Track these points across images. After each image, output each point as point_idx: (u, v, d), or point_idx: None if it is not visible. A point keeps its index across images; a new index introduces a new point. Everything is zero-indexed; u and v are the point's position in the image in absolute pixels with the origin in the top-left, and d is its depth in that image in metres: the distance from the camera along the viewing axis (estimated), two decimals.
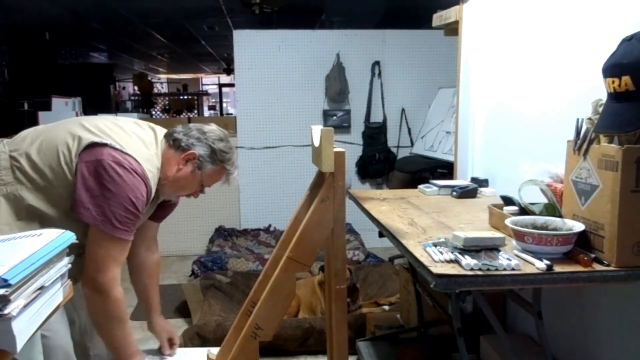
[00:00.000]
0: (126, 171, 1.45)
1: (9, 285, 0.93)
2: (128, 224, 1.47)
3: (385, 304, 3.12)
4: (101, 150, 1.46)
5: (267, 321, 1.60)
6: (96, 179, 1.44)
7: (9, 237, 1.18)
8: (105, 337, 1.59)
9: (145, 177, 1.49)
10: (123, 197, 1.44)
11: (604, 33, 1.62)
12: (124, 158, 1.46)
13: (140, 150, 1.52)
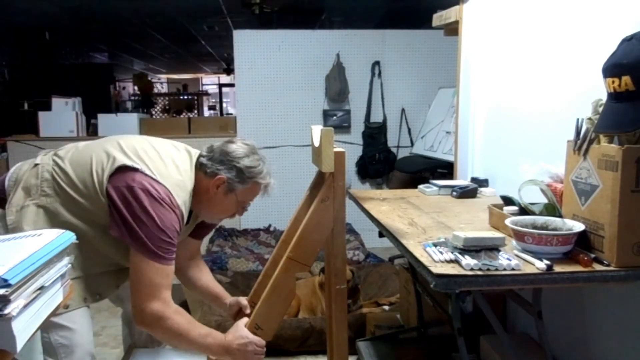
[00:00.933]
0: (155, 201, 1.44)
1: (9, 285, 0.93)
2: (164, 249, 1.47)
3: (385, 304, 3.12)
4: (132, 176, 1.46)
5: (267, 321, 1.60)
6: (126, 206, 1.44)
7: (9, 237, 1.18)
8: (185, 349, 1.60)
9: (175, 206, 1.48)
10: (154, 226, 1.44)
11: (604, 33, 1.62)
12: (153, 187, 1.46)
13: (171, 177, 1.51)
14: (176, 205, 1.49)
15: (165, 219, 1.45)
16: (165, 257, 1.47)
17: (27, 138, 4.61)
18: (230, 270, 3.59)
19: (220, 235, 4.44)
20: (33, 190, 1.52)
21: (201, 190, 1.58)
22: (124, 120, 4.75)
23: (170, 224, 1.46)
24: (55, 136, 4.56)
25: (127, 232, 1.44)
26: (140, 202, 1.44)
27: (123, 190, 1.45)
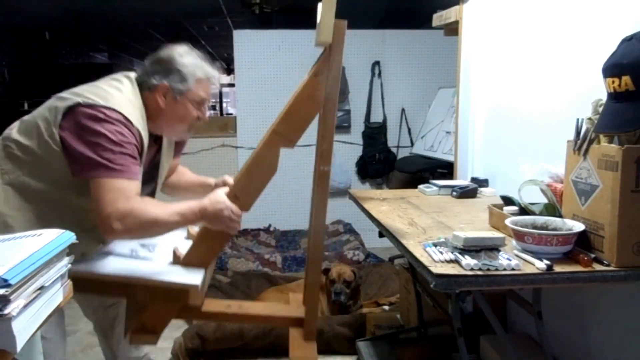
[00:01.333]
0: (102, 122, 1.43)
1: (9, 285, 0.93)
2: (126, 164, 1.44)
3: (385, 304, 3.12)
4: (76, 113, 1.45)
5: (245, 192, 1.55)
6: (77, 138, 1.43)
7: (9, 237, 1.18)
8: (166, 231, 1.55)
9: (126, 121, 1.46)
10: (109, 143, 1.42)
11: (604, 33, 1.62)
12: (97, 111, 1.44)
13: (115, 98, 1.49)
14: (128, 121, 1.46)
15: (118, 134, 1.43)
16: (125, 170, 1.45)
17: None
18: (230, 270, 3.59)
19: None
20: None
21: (152, 108, 1.56)
22: None
23: (125, 138, 1.44)
24: None
25: (87, 163, 1.42)
26: (88, 129, 1.42)
27: (71, 128, 1.44)
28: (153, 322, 1.58)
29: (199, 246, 1.57)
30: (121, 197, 1.43)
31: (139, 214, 1.44)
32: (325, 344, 2.70)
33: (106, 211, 1.42)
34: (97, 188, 1.43)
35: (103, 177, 1.42)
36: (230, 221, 1.54)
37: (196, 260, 1.57)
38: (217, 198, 1.55)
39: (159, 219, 1.47)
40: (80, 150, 1.43)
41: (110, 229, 1.43)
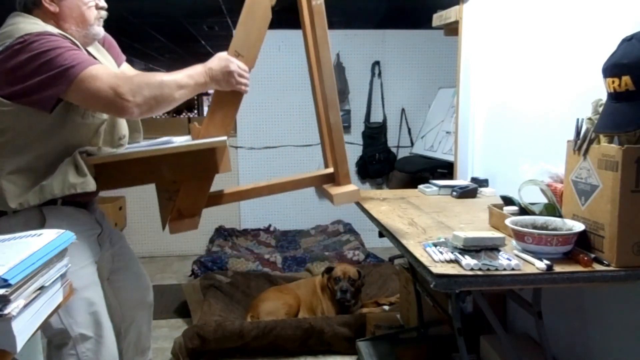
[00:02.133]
0: (23, 50, 1.35)
1: (9, 285, 0.93)
2: (82, 57, 1.39)
3: (385, 304, 3.12)
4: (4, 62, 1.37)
5: (246, 46, 1.53)
6: (21, 79, 1.36)
7: (9, 237, 1.18)
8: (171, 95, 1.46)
9: (40, 35, 1.37)
10: (45, 55, 1.35)
11: (604, 33, 1.62)
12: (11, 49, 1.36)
13: (16, 30, 1.40)
14: (43, 33, 1.39)
15: (46, 43, 1.36)
16: (91, 60, 1.40)
17: None
18: (230, 270, 3.59)
19: (220, 235, 4.44)
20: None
21: (51, 19, 1.49)
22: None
23: (56, 41, 1.37)
24: None
25: (48, 86, 1.35)
26: (18, 65, 1.34)
27: (5, 80, 1.37)
28: (188, 205, 1.56)
29: (215, 114, 1.55)
30: (110, 77, 1.38)
31: (141, 82, 1.40)
32: (325, 344, 2.70)
33: (108, 96, 1.37)
34: (80, 90, 1.37)
35: (73, 79, 1.35)
36: (240, 77, 1.52)
37: (215, 128, 1.55)
38: (220, 56, 1.52)
39: (166, 81, 1.43)
40: (29, 85, 1.35)
41: (123, 107, 1.39)
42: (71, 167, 1.43)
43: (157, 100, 1.43)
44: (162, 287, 3.82)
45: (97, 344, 1.50)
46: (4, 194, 1.40)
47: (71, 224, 1.49)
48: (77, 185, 1.41)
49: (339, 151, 1.68)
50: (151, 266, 4.27)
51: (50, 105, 1.38)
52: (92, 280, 1.54)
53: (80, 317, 1.47)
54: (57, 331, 1.47)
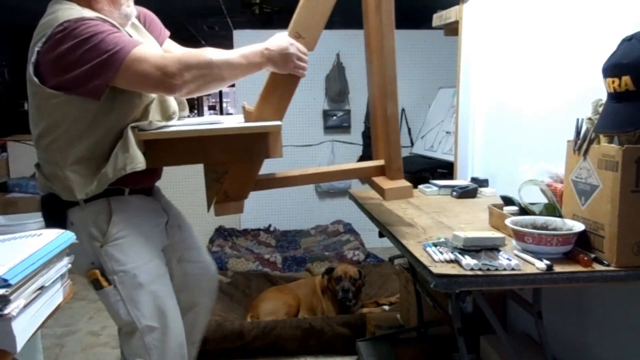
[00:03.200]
0: (65, 39, 1.32)
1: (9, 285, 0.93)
2: (124, 39, 1.37)
3: (385, 304, 3.12)
4: (44, 57, 1.36)
5: (308, 28, 1.47)
6: (67, 69, 1.34)
7: (9, 237, 1.18)
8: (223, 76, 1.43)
9: (79, 21, 1.35)
10: (88, 42, 1.32)
11: (604, 33, 1.62)
12: (53, 39, 1.34)
13: (55, 19, 1.38)
14: (83, 18, 1.36)
15: (88, 29, 1.33)
16: (135, 42, 1.38)
17: (27, 138, 4.60)
18: (230, 270, 3.59)
19: (220, 235, 4.44)
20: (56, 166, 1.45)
21: (85, 2, 1.46)
22: None
23: (97, 26, 1.35)
24: None
25: (95, 73, 1.33)
26: (63, 54, 1.32)
27: (53, 70, 1.35)
28: (235, 188, 1.53)
29: (269, 97, 1.50)
30: (156, 58, 1.37)
31: (189, 61, 1.37)
32: (325, 344, 2.70)
33: (155, 77, 1.35)
34: (127, 74, 1.35)
35: (120, 64, 1.33)
36: (298, 60, 1.48)
37: (268, 112, 1.50)
38: (280, 37, 1.47)
39: (215, 60, 1.39)
40: (76, 75, 1.33)
41: (171, 87, 1.37)
42: (120, 147, 1.42)
43: (205, 80, 1.40)
44: None
45: (163, 334, 1.53)
46: (71, 185, 1.41)
47: (138, 214, 1.54)
48: (127, 165, 1.39)
49: (394, 144, 1.63)
50: None
51: (101, 94, 1.37)
52: (158, 273, 1.56)
53: (146, 310, 1.50)
54: (126, 322, 1.51)
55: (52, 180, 1.46)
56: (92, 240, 1.47)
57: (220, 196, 1.53)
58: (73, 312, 3.35)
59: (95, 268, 1.48)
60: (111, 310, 1.52)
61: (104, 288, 1.48)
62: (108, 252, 1.47)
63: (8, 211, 4.12)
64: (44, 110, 1.41)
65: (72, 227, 1.46)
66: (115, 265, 1.47)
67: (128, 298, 1.49)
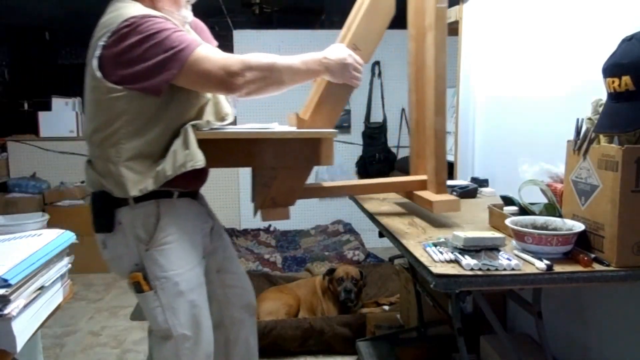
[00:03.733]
0: (130, 34, 1.34)
1: (9, 285, 0.93)
2: (187, 38, 1.38)
3: (385, 304, 3.12)
4: (108, 50, 1.37)
5: (365, 41, 1.53)
6: (130, 63, 1.35)
7: (9, 237, 1.18)
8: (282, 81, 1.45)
9: (144, 17, 1.37)
10: (153, 38, 1.34)
11: (604, 33, 1.62)
12: (118, 34, 1.35)
13: (118, 16, 1.40)
14: (147, 15, 1.38)
15: (152, 25, 1.35)
16: (197, 41, 1.40)
17: (27, 138, 4.61)
18: None
19: None
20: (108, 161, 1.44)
21: (149, 1, 1.48)
22: None
23: (161, 23, 1.37)
24: (55, 136, 4.56)
25: (159, 68, 1.35)
26: (127, 48, 1.34)
27: (115, 65, 1.36)
28: (283, 194, 1.55)
29: (323, 106, 1.53)
30: (219, 57, 1.39)
31: (253, 62, 1.39)
32: (325, 344, 2.70)
33: (218, 76, 1.37)
34: (190, 73, 1.37)
35: (184, 62, 1.35)
36: (354, 71, 1.50)
37: (320, 120, 1.53)
38: (338, 47, 1.51)
39: (278, 63, 1.42)
40: (140, 70, 1.35)
41: (232, 87, 1.39)
42: (180, 143, 1.42)
43: (266, 82, 1.43)
44: None
45: (195, 344, 1.52)
46: (124, 181, 1.41)
47: (186, 218, 1.53)
48: (187, 162, 1.40)
49: (439, 158, 1.68)
50: None
51: (161, 90, 1.38)
52: (198, 282, 1.55)
53: (183, 318, 1.49)
54: (162, 328, 1.49)
55: (105, 177, 1.45)
56: (138, 242, 1.46)
57: (267, 202, 1.55)
58: (73, 312, 3.35)
59: (138, 270, 1.47)
60: (148, 315, 1.51)
61: (144, 292, 1.47)
62: (153, 257, 1.45)
63: (8, 211, 4.11)
64: (103, 105, 1.41)
65: (119, 226, 1.46)
66: (158, 270, 1.46)
67: (167, 305, 1.47)
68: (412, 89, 1.87)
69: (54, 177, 4.50)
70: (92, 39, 1.43)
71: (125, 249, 1.46)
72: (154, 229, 1.46)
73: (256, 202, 1.59)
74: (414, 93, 1.87)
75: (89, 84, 1.42)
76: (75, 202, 4.28)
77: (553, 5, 1.94)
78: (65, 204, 4.24)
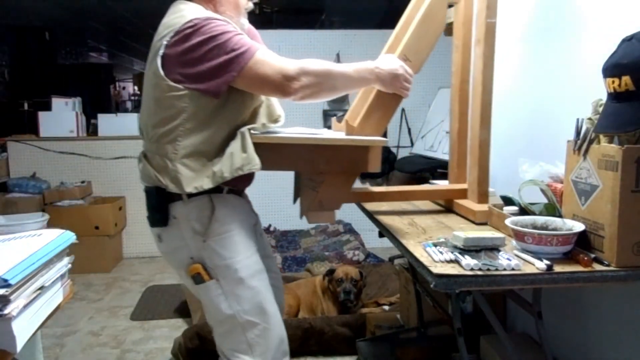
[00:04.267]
0: (193, 35, 1.38)
1: (9, 285, 0.93)
2: (244, 42, 1.41)
3: (385, 304, 3.12)
4: (170, 51, 1.41)
5: (416, 52, 1.58)
6: (194, 63, 1.39)
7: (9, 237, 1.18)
8: (336, 87, 1.51)
9: (207, 18, 1.41)
10: (216, 39, 1.38)
11: (604, 33, 1.62)
12: (181, 34, 1.40)
13: (182, 16, 1.44)
14: (210, 17, 1.42)
15: (215, 27, 1.39)
16: (257, 45, 1.42)
17: (27, 138, 4.61)
18: None
19: None
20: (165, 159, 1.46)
21: (211, 5, 1.53)
22: (124, 120, 4.74)
23: (224, 26, 1.41)
24: (55, 136, 4.56)
25: (220, 70, 1.39)
26: (189, 49, 1.38)
27: (177, 65, 1.40)
28: (329, 198, 1.60)
29: (372, 114, 1.58)
30: (278, 61, 1.42)
31: (310, 68, 1.43)
32: (325, 344, 2.70)
33: (276, 80, 1.41)
34: (249, 76, 1.41)
35: (244, 65, 1.39)
36: (405, 81, 1.55)
37: (369, 127, 1.59)
38: (389, 58, 1.56)
39: (333, 70, 1.47)
40: (201, 71, 1.39)
41: (289, 91, 1.43)
42: (237, 146, 1.45)
43: (320, 88, 1.48)
44: (162, 287, 3.82)
45: (265, 330, 1.55)
46: (180, 177, 1.44)
47: (235, 212, 1.57)
48: (244, 165, 1.43)
49: (483, 168, 1.74)
50: (151, 266, 4.27)
51: (221, 92, 1.42)
52: (257, 268, 1.57)
53: (247, 305, 1.52)
54: (227, 316, 1.52)
55: (161, 172, 1.47)
56: (195, 234, 1.49)
57: (314, 205, 1.60)
58: (73, 312, 3.35)
59: (195, 263, 1.50)
60: (211, 305, 1.53)
61: (205, 282, 1.49)
62: (211, 247, 1.49)
63: (8, 211, 4.12)
64: (163, 103, 1.44)
65: (174, 220, 1.50)
66: (218, 259, 1.49)
67: (230, 292, 1.50)
68: (455, 99, 1.96)
69: (54, 177, 4.50)
70: (154, 37, 1.48)
71: (181, 242, 1.50)
72: (209, 221, 1.49)
73: (303, 206, 1.66)
74: (457, 103, 1.96)
75: (150, 81, 1.46)
76: (75, 202, 4.28)
77: (553, 5, 1.94)
78: (65, 204, 4.24)
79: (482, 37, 1.71)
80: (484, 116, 1.71)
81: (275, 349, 1.59)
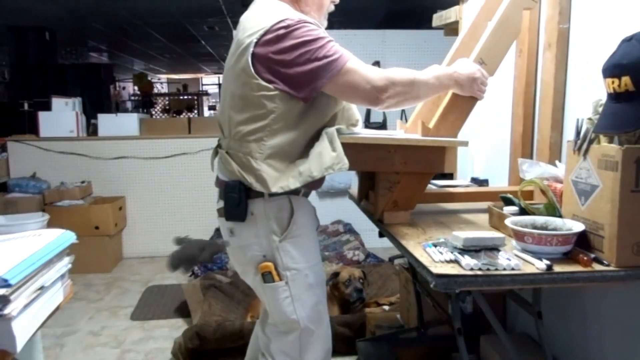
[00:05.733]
0: (286, 36, 1.38)
1: (9, 285, 0.93)
2: (336, 50, 1.42)
3: (385, 304, 3.12)
4: (260, 50, 1.40)
5: (492, 56, 1.61)
6: (285, 65, 1.39)
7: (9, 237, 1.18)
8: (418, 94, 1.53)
9: (299, 20, 1.41)
10: (309, 45, 1.38)
11: (604, 33, 1.62)
12: (274, 33, 1.39)
13: (271, 15, 1.44)
14: (301, 20, 1.42)
15: (308, 32, 1.39)
16: (341, 55, 1.43)
17: (27, 138, 4.61)
18: (230, 270, 3.59)
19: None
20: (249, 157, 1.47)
21: (296, 4, 1.53)
22: (124, 120, 4.74)
23: (316, 31, 1.41)
24: (55, 136, 4.56)
25: (311, 76, 1.40)
26: (282, 50, 1.38)
27: (268, 65, 1.40)
28: (404, 198, 1.65)
29: (448, 116, 1.61)
30: (367, 71, 1.44)
31: (396, 78, 1.45)
32: None
33: (365, 89, 1.43)
34: (339, 83, 1.42)
35: (336, 73, 1.40)
36: (481, 84, 1.57)
37: (445, 128, 1.61)
38: (466, 62, 1.58)
39: (417, 79, 1.48)
40: (293, 75, 1.39)
41: (376, 100, 1.45)
42: (326, 147, 1.45)
43: (405, 97, 1.49)
44: (162, 287, 3.82)
45: (318, 338, 1.56)
46: (265, 177, 1.44)
47: (308, 216, 1.60)
48: (335, 164, 1.43)
49: None
50: (151, 266, 4.27)
51: (311, 96, 1.43)
52: (322, 278, 1.61)
53: (311, 311, 1.53)
54: (288, 320, 1.52)
55: (244, 170, 1.48)
56: (271, 233, 1.50)
57: (390, 205, 1.64)
58: (73, 312, 3.35)
59: (267, 261, 1.50)
60: (275, 306, 1.53)
61: (275, 282, 1.50)
62: (285, 248, 1.50)
63: (8, 211, 4.12)
64: (252, 101, 1.44)
65: (252, 217, 1.50)
66: (291, 262, 1.50)
67: (297, 296, 1.51)
68: (519, 103, 2.01)
69: (54, 177, 4.50)
70: (238, 31, 1.48)
71: (255, 239, 1.51)
72: (287, 222, 1.50)
73: (378, 206, 1.68)
74: (520, 106, 2.00)
75: (238, 78, 1.46)
76: (75, 202, 4.28)
77: (552, 5, 1.94)
78: (65, 204, 4.24)
79: (555, 42, 1.78)
80: (555, 119, 1.77)
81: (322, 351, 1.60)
